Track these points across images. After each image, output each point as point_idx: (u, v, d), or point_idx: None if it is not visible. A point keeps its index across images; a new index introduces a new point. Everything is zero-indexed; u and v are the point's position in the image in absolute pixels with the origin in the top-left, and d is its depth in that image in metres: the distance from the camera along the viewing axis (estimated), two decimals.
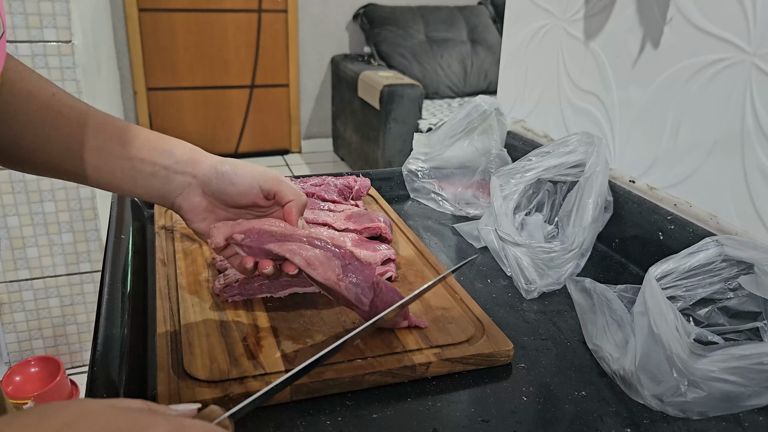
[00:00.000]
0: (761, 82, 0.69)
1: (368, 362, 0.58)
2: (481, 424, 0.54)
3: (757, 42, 0.69)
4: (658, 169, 0.84)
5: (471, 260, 0.65)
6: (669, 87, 0.81)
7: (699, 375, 0.54)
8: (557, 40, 1.02)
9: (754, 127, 0.70)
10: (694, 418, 0.56)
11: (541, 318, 0.71)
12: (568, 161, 0.83)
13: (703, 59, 0.76)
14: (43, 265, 1.79)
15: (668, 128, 0.82)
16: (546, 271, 0.75)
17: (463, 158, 1.01)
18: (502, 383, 0.60)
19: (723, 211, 0.75)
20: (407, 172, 1.04)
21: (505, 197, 0.80)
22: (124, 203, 0.88)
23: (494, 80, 3.58)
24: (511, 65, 1.16)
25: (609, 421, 0.55)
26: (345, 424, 0.53)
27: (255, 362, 0.57)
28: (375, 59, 3.64)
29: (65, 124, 0.56)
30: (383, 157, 3.16)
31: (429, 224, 0.95)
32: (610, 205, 0.86)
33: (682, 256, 0.63)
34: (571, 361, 0.63)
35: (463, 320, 0.65)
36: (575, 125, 1.00)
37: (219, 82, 3.78)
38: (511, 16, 1.15)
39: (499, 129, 1.01)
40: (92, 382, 0.53)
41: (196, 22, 3.63)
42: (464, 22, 3.77)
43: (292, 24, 3.80)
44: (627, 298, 0.66)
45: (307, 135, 4.09)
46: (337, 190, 0.89)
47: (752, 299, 0.64)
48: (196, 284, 0.70)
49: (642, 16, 0.84)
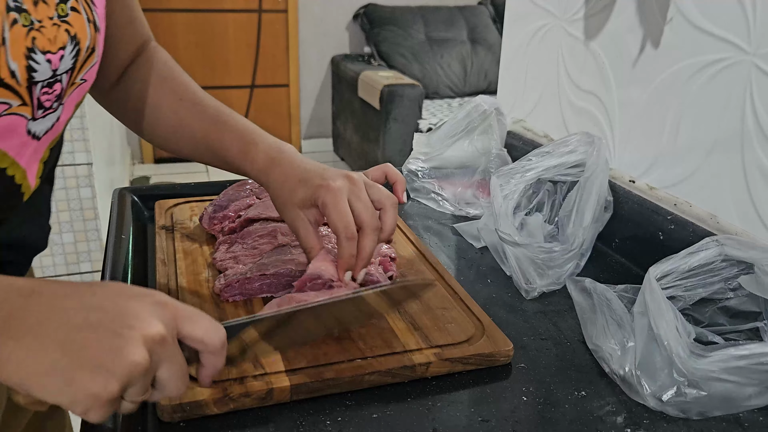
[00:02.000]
0: (761, 82, 0.69)
1: (368, 362, 0.58)
2: (480, 424, 0.54)
3: (757, 42, 0.69)
4: (658, 169, 0.84)
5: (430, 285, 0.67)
6: (669, 87, 0.81)
7: (699, 375, 0.54)
8: (557, 40, 1.02)
9: (754, 127, 0.70)
10: (694, 418, 0.56)
11: (541, 318, 0.71)
12: (568, 161, 0.83)
13: (703, 59, 0.76)
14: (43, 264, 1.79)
15: (668, 128, 0.82)
16: (546, 271, 0.75)
17: (463, 158, 1.01)
18: (501, 383, 0.60)
19: (723, 211, 0.75)
20: (407, 172, 1.04)
21: (505, 197, 0.80)
22: (125, 203, 0.88)
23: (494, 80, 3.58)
24: (511, 65, 1.16)
25: (609, 421, 0.55)
26: (345, 424, 0.53)
27: (255, 362, 0.57)
28: (375, 59, 3.64)
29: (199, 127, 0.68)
30: (383, 157, 3.17)
31: (429, 224, 0.96)
32: (610, 205, 0.86)
33: (682, 256, 0.63)
34: (571, 361, 0.63)
35: (463, 320, 0.65)
36: (575, 125, 1.00)
37: (219, 82, 3.78)
38: (511, 16, 1.15)
39: (499, 129, 1.01)
40: None
41: (196, 22, 3.63)
42: (464, 22, 3.77)
43: (293, 24, 3.80)
44: (627, 298, 0.66)
45: (307, 135, 4.09)
46: None
47: (752, 299, 0.64)
48: (196, 284, 0.70)
49: (642, 16, 0.84)
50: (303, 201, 0.62)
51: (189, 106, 0.69)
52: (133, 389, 0.40)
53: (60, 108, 0.54)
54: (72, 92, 0.56)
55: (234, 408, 0.53)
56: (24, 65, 0.47)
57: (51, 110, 0.53)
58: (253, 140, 0.66)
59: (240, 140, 0.66)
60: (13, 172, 0.53)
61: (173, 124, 0.70)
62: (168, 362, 0.42)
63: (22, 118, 0.50)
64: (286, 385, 0.54)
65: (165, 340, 0.41)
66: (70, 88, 0.55)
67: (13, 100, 0.48)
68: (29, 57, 0.47)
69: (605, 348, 0.61)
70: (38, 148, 0.55)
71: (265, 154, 0.65)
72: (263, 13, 3.75)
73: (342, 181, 0.62)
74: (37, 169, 0.56)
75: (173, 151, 0.72)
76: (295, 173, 0.64)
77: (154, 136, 0.72)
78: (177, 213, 0.87)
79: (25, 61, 0.47)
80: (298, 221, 0.63)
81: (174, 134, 0.70)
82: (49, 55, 0.49)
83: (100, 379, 0.37)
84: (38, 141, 0.54)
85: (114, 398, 0.38)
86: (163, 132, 0.70)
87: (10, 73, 0.46)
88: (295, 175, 0.63)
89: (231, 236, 0.76)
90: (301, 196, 0.62)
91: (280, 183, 0.64)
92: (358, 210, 0.61)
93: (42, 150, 0.56)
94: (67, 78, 0.53)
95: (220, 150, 0.67)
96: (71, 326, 0.38)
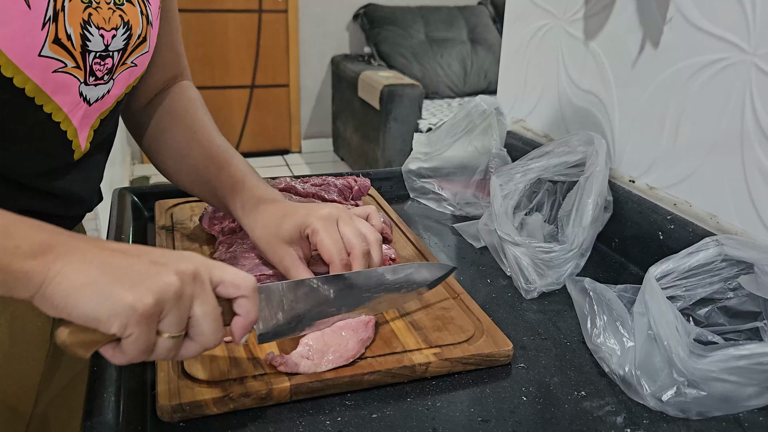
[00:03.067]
0: (761, 82, 0.69)
1: (368, 362, 0.58)
2: (480, 424, 0.54)
3: (756, 42, 0.69)
4: (657, 169, 0.84)
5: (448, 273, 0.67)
6: (669, 87, 0.81)
7: (699, 375, 0.54)
8: (557, 40, 1.02)
9: (754, 127, 0.70)
10: (694, 418, 0.56)
11: (541, 318, 0.71)
12: (568, 161, 0.83)
13: (702, 59, 0.76)
14: None
15: (668, 128, 0.82)
16: (546, 271, 0.75)
17: (463, 158, 1.01)
18: (501, 383, 0.60)
19: (723, 211, 0.75)
20: (407, 172, 1.04)
21: (505, 197, 0.80)
22: (125, 203, 0.88)
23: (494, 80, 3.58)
24: (511, 65, 1.16)
25: (609, 421, 0.55)
26: (345, 424, 0.53)
27: (255, 362, 0.57)
28: (375, 59, 3.64)
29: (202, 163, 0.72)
30: (383, 157, 3.16)
31: (429, 224, 0.96)
32: (610, 205, 0.86)
33: (682, 256, 0.63)
34: (571, 361, 0.63)
35: (462, 320, 0.65)
36: (575, 125, 1.00)
37: (219, 82, 3.78)
38: (511, 16, 1.15)
39: (499, 129, 1.01)
40: (92, 382, 0.53)
41: (196, 22, 3.63)
42: (464, 22, 3.77)
43: (293, 24, 3.80)
44: (627, 298, 0.65)
45: (308, 135, 4.09)
46: (338, 190, 0.89)
47: (752, 299, 0.64)
48: None
49: (642, 16, 0.84)
50: (290, 234, 0.63)
51: (200, 141, 0.73)
52: (168, 319, 0.43)
53: (111, 83, 0.61)
54: (122, 71, 0.62)
55: (234, 408, 0.53)
56: (79, 33, 0.55)
57: (102, 81, 0.60)
58: (244, 182, 0.69)
59: (232, 179, 0.69)
60: (66, 127, 0.59)
61: (180, 154, 0.74)
62: (201, 299, 0.45)
63: (75, 79, 0.57)
64: (286, 385, 0.54)
65: (197, 275, 0.45)
66: (121, 67, 0.62)
67: (68, 60, 0.55)
68: (84, 28, 0.55)
69: (605, 348, 0.61)
70: (89, 113, 0.61)
71: (251, 195, 0.68)
72: (263, 13, 3.74)
73: (329, 210, 0.63)
74: (88, 133, 0.62)
75: (176, 182, 0.76)
76: (280, 211, 0.65)
77: (161, 163, 0.76)
78: (177, 213, 0.87)
79: (81, 29, 0.55)
80: (287, 258, 0.63)
81: (179, 164, 0.74)
82: (102, 32, 0.57)
83: (135, 292, 0.42)
84: (89, 107, 0.60)
85: (149, 315, 0.42)
86: (171, 161, 0.75)
87: (66, 35, 0.54)
88: (279, 211, 0.65)
89: (231, 236, 0.76)
90: (288, 229, 0.63)
91: (265, 222, 0.65)
92: (347, 234, 0.62)
93: (93, 117, 0.62)
94: (119, 57, 0.61)
95: (214, 187, 0.71)
96: (113, 253, 0.44)
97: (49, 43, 0.52)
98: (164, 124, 0.75)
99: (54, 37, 0.53)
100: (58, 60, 0.54)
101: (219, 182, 0.70)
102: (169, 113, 0.75)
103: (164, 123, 0.75)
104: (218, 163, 0.71)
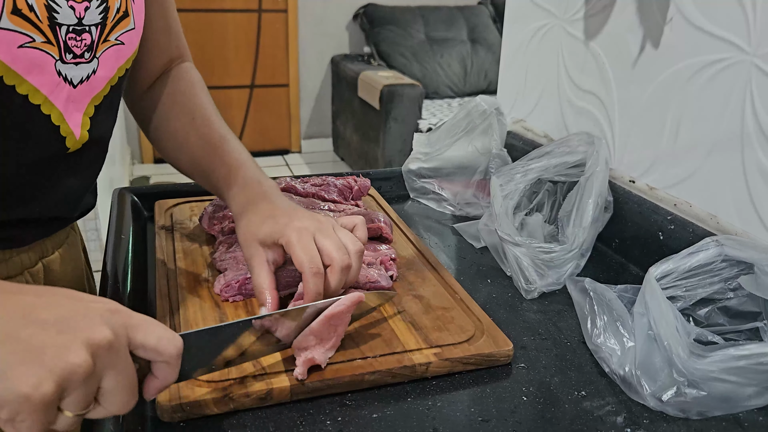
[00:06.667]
0: (761, 82, 0.69)
1: (368, 362, 0.58)
2: (480, 424, 0.54)
3: (756, 42, 0.69)
4: (657, 169, 0.84)
5: None
6: (669, 87, 0.81)
7: (699, 375, 0.54)
8: (557, 39, 1.02)
9: (754, 127, 0.70)
10: (694, 418, 0.56)
11: (541, 318, 0.71)
12: (568, 161, 0.83)
13: (702, 59, 0.76)
14: None
15: (668, 128, 0.82)
16: (546, 271, 0.75)
17: (463, 158, 1.01)
18: (501, 383, 0.60)
19: (723, 211, 0.75)
20: (407, 172, 1.04)
21: (505, 197, 0.80)
22: (125, 203, 0.88)
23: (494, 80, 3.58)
24: (511, 65, 1.16)
25: (609, 421, 0.55)
26: (345, 424, 0.53)
27: (255, 362, 0.57)
28: (375, 59, 3.64)
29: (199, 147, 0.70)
30: (383, 157, 3.16)
31: (429, 224, 0.96)
32: (610, 205, 0.86)
33: (682, 256, 0.63)
34: (571, 361, 0.63)
35: (463, 320, 0.65)
36: (575, 125, 1.00)
37: (219, 81, 3.78)
38: (511, 16, 1.15)
39: (499, 129, 1.01)
40: None
41: (196, 22, 3.63)
42: (464, 22, 3.77)
43: (292, 24, 3.80)
44: (627, 298, 0.65)
45: (307, 135, 4.09)
46: (338, 190, 0.89)
47: (752, 299, 0.64)
48: (196, 284, 0.70)
49: (642, 16, 0.84)
50: (265, 237, 0.62)
51: (198, 125, 0.72)
52: (72, 398, 0.37)
53: (95, 62, 0.58)
54: (106, 49, 0.59)
55: (234, 408, 0.53)
56: (43, 3, 0.51)
57: (84, 60, 0.57)
58: (239, 170, 0.68)
59: (227, 167, 0.68)
60: (49, 111, 0.55)
61: (180, 139, 0.72)
62: (114, 371, 0.39)
63: (49, 56, 0.53)
64: (286, 385, 0.54)
65: (112, 346, 0.38)
66: (104, 44, 0.59)
67: (35, 35, 0.51)
68: None
69: (605, 348, 0.61)
70: (76, 96, 0.58)
71: (243, 184, 0.67)
72: (263, 13, 3.74)
73: (309, 222, 0.62)
74: (82, 120, 0.59)
75: (176, 166, 0.75)
76: (266, 209, 0.64)
77: (163, 149, 0.76)
78: (177, 213, 0.87)
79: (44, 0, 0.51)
80: (255, 258, 0.62)
81: (178, 149, 0.73)
82: (72, 3, 0.54)
83: (33, 376, 0.35)
84: (74, 88, 0.57)
85: (47, 402, 0.35)
86: (170, 144, 0.74)
87: (27, 5, 0.50)
88: (266, 210, 0.64)
89: (231, 236, 0.76)
90: (265, 231, 0.62)
91: (250, 218, 0.64)
92: (327, 247, 0.60)
93: (83, 101, 0.59)
94: (98, 32, 0.57)
95: (209, 173, 0.70)
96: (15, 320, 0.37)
97: (7, 13, 0.49)
98: (165, 109, 0.74)
99: (12, 6, 0.49)
100: (22, 33, 0.50)
101: (213, 169, 0.69)
102: (169, 97, 0.74)
103: (165, 108, 0.74)
104: (215, 149, 0.70)
